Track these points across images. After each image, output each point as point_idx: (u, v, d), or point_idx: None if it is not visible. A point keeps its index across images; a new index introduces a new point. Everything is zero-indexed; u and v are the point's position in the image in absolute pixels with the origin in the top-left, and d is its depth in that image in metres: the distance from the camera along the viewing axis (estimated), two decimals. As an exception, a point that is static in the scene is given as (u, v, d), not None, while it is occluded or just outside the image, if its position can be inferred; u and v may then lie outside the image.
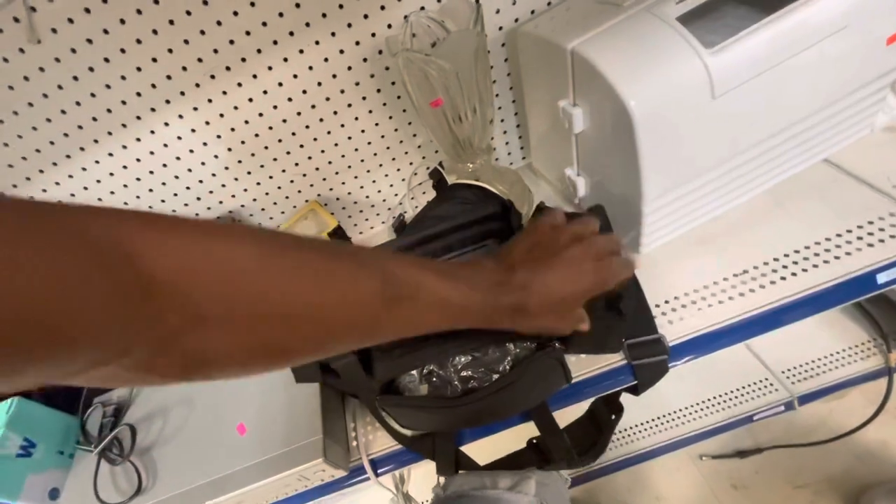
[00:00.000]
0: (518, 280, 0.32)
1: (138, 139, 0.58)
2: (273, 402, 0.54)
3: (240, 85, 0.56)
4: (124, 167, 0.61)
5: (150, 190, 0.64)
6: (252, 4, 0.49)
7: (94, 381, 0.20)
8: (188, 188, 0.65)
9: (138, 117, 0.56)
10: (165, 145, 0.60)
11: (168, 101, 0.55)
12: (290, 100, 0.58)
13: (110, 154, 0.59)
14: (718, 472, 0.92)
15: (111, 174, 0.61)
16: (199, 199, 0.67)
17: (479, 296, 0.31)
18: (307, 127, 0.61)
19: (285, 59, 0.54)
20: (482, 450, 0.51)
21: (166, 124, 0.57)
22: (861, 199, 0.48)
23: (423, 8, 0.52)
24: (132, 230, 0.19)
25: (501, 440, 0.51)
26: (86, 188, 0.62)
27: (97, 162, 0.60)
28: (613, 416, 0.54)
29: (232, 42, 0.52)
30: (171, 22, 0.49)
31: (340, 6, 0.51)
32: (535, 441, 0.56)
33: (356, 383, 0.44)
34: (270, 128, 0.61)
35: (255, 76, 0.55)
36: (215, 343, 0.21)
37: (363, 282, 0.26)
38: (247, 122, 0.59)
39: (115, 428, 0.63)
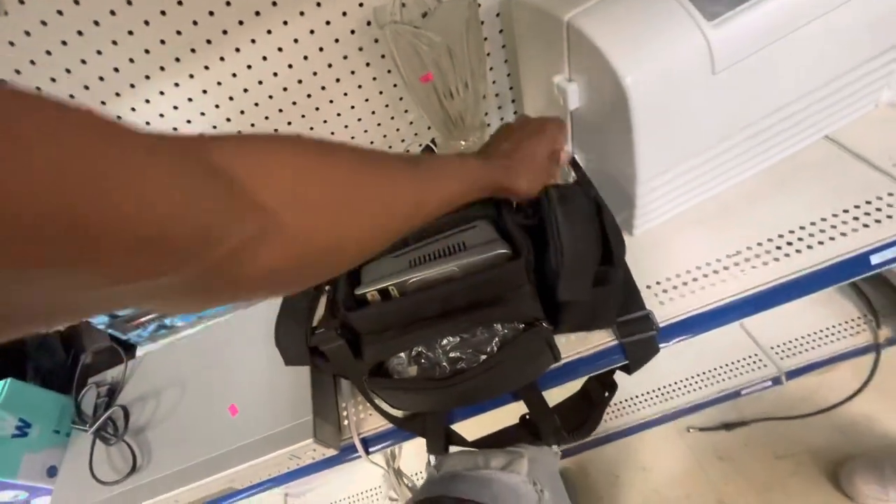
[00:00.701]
0: (502, 152, 0.42)
1: (119, 117, 0.56)
2: (264, 383, 0.54)
3: (222, 59, 0.53)
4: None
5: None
6: (230, -29, 0.47)
7: (178, 292, 0.21)
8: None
9: (117, 94, 0.54)
10: (147, 123, 0.57)
11: (147, 77, 0.53)
12: (275, 75, 0.56)
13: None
14: (705, 444, 0.94)
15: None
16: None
17: (481, 163, 0.40)
18: (294, 103, 0.59)
19: (269, 32, 0.52)
20: (474, 425, 0.52)
21: (147, 101, 0.55)
22: (861, 177, 0.48)
23: (412, -25, 0.50)
24: (228, 152, 0.22)
25: (494, 415, 0.52)
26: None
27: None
28: (607, 394, 0.55)
29: (211, 13, 0.49)
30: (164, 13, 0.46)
31: (324, -27, 0.48)
32: (527, 416, 0.57)
33: (345, 366, 0.44)
34: (256, 104, 0.58)
35: (237, 49, 0.53)
36: (297, 245, 0.24)
37: (404, 167, 0.32)
38: (231, 98, 0.57)
39: (109, 408, 0.63)
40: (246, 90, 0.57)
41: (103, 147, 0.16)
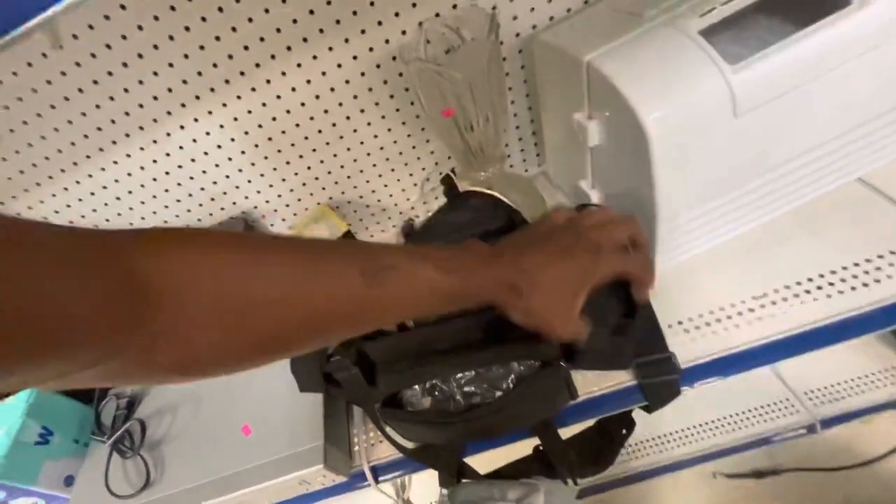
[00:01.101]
0: (508, 257, 0.32)
1: (154, 141, 0.59)
2: (278, 405, 0.55)
3: (254, 90, 0.56)
4: (142, 168, 0.62)
5: (166, 190, 0.65)
6: (266, 11, 0.49)
7: (93, 380, 0.21)
8: (202, 189, 0.66)
9: (154, 120, 0.57)
10: (181, 147, 0.60)
11: (184, 105, 0.56)
12: (303, 104, 0.58)
13: (128, 155, 0.60)
14: (733, 492, 0.89)
15: (129, 174, 0.63)
16: (212, 199, 0.68)
17: (468, 270, 0.31)
18: (319, 131, 0.61)
19: (298, 65, 0.54)
20: (486, 455, 0.51)
21: (182, 127, 0.58)
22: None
23: (437, 14, 0.51)
24: (133, 246, 0.22)
25: (507, 448, 0.50)
26: (105, 187, 0.64)
27: (115, 162, 0.61)
28: (624, 431, 0.53)
29: (246, 48, 0.52)
30: (187, 28, 0.50)
31: (354, 13, 0.51)
32: (541, 448, 0.55)
33: (358, 394, 0.44)
34: (283, 132, 0.61)
35: (268, 81, 0.55)
36: (205, 340, 0.24)
37: (345, 266, 0.28)
38: (260, 126, 0.60)
39: (127, 420, 0.65)
40: (274, 118, 0.59)
41: (8, 254, 0.16)
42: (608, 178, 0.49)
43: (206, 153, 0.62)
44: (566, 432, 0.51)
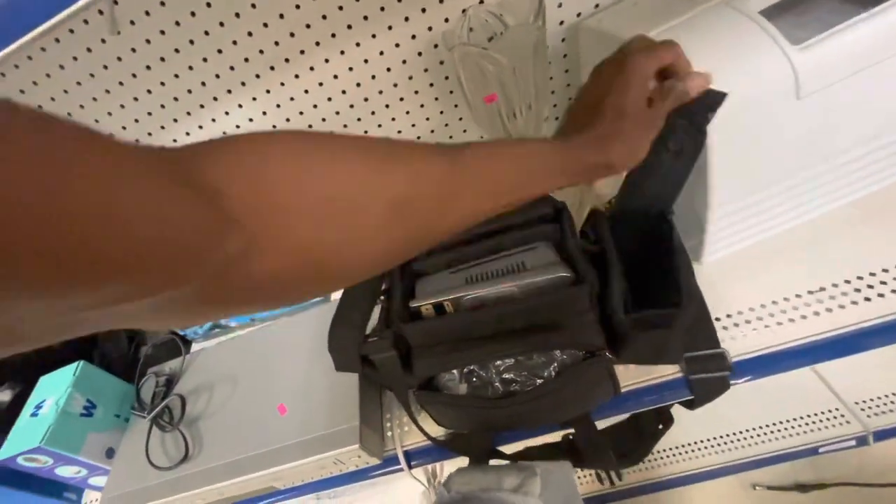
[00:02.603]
0: (586, 111, 0.32)
1: (200, 126, 0.61)
2: (313, 386, 0.55)
3: (297, 77, 0.57)
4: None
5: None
6: (314, -2, 0.50)
7: (165, 310, 0.19)
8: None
9: (202, 105, 0.59)
10: (224, 133, 0.62)
11: (230, 91, 0.58)
12: (343, 92, 0.59)
13: (174, 140, 0.63)
14: (773, 505, 0.85)
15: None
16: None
17: (557, 143, 0.30)
18: (359, 119, 0.62)
19: (342, 52, 0.55)
20: (517, 445, 0.50)
21: (226, 113, 0.60)
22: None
23: (482, 1, 0.51)
24: (212, 161, 0.20)
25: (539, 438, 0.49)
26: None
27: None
28: (661, 426, 0.51)
29: (292, 34, 0.53)
30: (237, 14, 0.51)
31: (399, 0, 0.51)
32: (570, 437, 0.54)
33: (393, 378, 0.44)
34: (324, 119, 0.62)
35: (311, 68, 0.56)
36: (296, 242, 0.21)
37: (424, 150, 0.26)
38: (301, 113, 0.61)
39: (166, 397, 0.67)
40: (315, 106, 0.60)
41: (80, 166, 0.14)
42: (655, 165, 0.48)
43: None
44: (600, 422, 0.50)
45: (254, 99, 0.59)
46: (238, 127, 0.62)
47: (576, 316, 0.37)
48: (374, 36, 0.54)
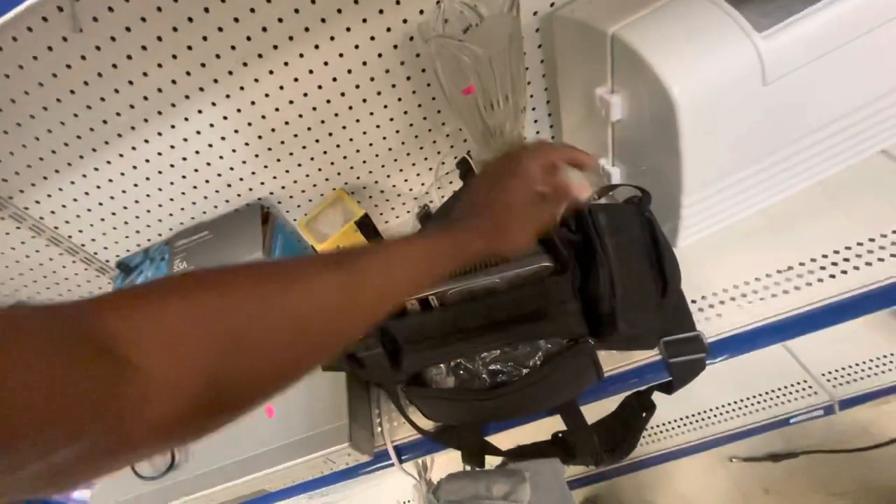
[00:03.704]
0: (475, 206, 0.35)
1: (173, 126, 0.59)
2: (300, 386, 0.54)
3: (271, 73, 0.56)
4: (159, 153, 0.62)
5: (184, 176, 0.66)
6: (285, -9, 0.49)
7: (77, 470, 0.19)
8: (219, 175, 0.66)
9: (173, 104, 0.57)
10: (198, 132, 0.61)
11: (202, 89, 0.56)
12: (320, 87, 0.58)
13: (146, 140, 0.61)
14: (749, 476, 0.89)
15: (147, 161, 0.63)
16: (229, 185, 0.68)
17: (441, 236, 0.33)
18: (336, 115, 0.61)
19: (316, 47, 0.54)
20: (506, 434, 0.51)
21: (199, 111, 0.58)
22: (922, 194, 0.45)
23: (455, -8, 0.51)
24: (106, 315, 0.20)
25: (525, 426, 0.50)
26: (122, 174, 0.64)
27: (133, 148, 0.61)
28: (644, 414, 0.53)
29: (265, 30, 0.52)
30: (206, 9, 0.50)
31: (372, -8, 0.51)
32: (560, 435, 0.55)
33: (381, 374, 0.44)
34: (300, 115, 0.61)
35: (286, 63, 0.55)
36: (193, 383, 0.21)
37: (317, 264, 0.27)
38: (277, 109, 0.60)
39: (150, 406, 0.65)
40: (291, 101, 0.59)
41: None
42: (630, 153, 0.49)
43: (222, 138, 0.62)
44: (587, 412, 0.51)
45: (227, 96, 0.58)
46: (212, 126, 0.60)
47: (559, 305, 0.38)
48: (348, 29, 0.53)
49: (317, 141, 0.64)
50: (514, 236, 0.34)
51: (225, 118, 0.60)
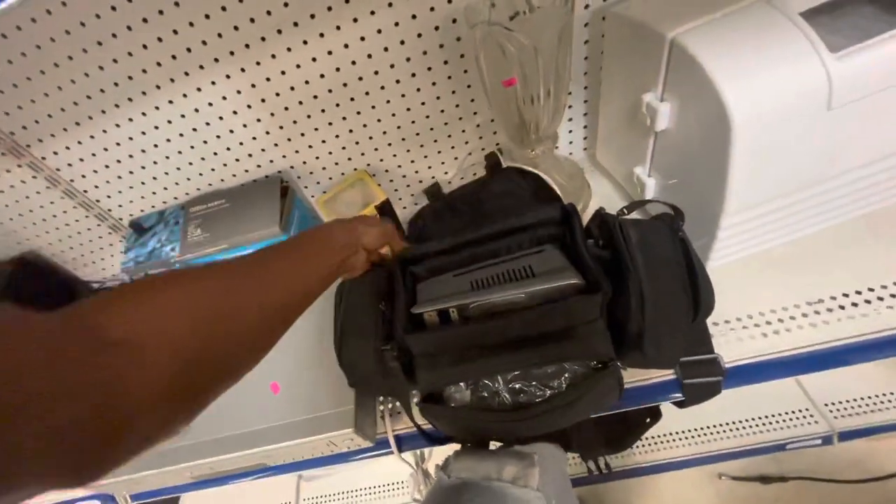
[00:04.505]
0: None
1: (199, 89, 0.58)
2: (306, 367, 0.55)
3: (305, 43, 0.54)
4: (182, 116, 0.61)
5: (205, 142, 0.64)
6: (329, -42, 0.47)
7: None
8: (241, 143, 0.65)
9: (201, 66, 0.55)
10: (224, 97, 0.59)
11: (232, 53, 0.54)
12: (353, 63, 0.56)
13: (170, 101, 0.59)
14: (736, 495, 0.89)
15: (169, 122, 0.62)
16: (250, 155, 0.67)
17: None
18: (367, 93, 0.59)
19: (354, 20, 0.52)
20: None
21: (227, 76, 0.57)
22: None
23: (507, -24, 0.49)
24: (92, 306, 0.24)
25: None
26: (143, 133, 0.63)
27: (157, 108, 0.60)
28: (649, 420, 0.52)
29: (286, 4, 0.50)
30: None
31: (420, -33, 0.48)
32: None
33: (397, 389, 0.43)
34: (330, 91, 0.59)
35: (321, 35, 0.53)
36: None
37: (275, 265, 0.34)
38: (307, 82, 0.58)
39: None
40: (322, 75, 0.57)
41: None
42: (671, 165, 0.47)
43: (248, 106, 0.60)
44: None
45: (257, 63, 0.55)
46: (239, 93, 0.58)
47: (587, 325, 0.36)
48: (390, 5, 0.51)
49: (343, 118, 0.62)
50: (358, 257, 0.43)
51: (253, 86, 0.58)
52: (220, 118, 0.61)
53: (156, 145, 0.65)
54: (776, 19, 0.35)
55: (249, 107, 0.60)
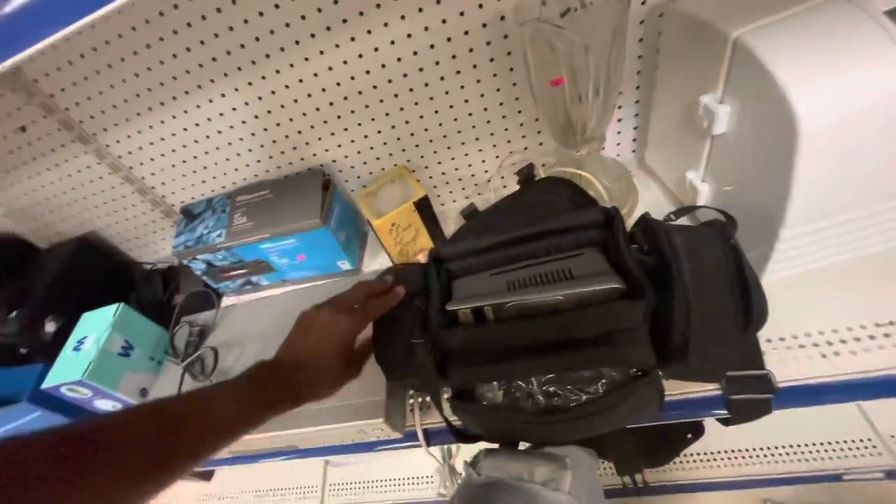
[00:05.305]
0: (282, 370, 0.41)
1: (249, 83, 0.60)
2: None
3: (353, 39, 0.55)
4: (233, 109, 0.63)
5: (253, 134, 0.67)
6: (381, -45, 0.47)
7: None
8: (287, 136, 0.67)
9: (253, 62, 0.58)
10: (273, 92, 0.61)
11: (282, 49, 0.56)
12: (399, 60, 0.57)
13: (222, 95, 0.62)
14: (778, 523, 0.84)
15: (220, 114, 0.64)
16: (294, 148, 0.69)
17: (248, 389, 0.39)
18: (411, 90, 0.60)
19: (402, 17, 0.52)
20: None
21: (277, 71, 0.58)
22: None
23: (559, -29, 0.47)
24: None
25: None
26: (197, 124, 0.66)
27: (210, 101, 0.63)
28: (690, 435, 0.50)
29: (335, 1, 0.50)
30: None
31: (468, -36, 0.48)
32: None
33: (428, 384, 0.43)
34: (375, 87, 0.60)
35: (368, 32, 0.54)
36: None
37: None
38: (353, 77, 0.59)
39: (199, 347, 0.69)
40: (368, 71, 0.58)
41: None
42: (727, 171, 0.44)
43: (295, 101, 0.62)
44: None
45: (306, 59, 0.57)
46: (287, 87, 0.60)
47: (628, 331, 0.35)
48: (438, 2, 0.51)
49: (387, 114, 0.63)
50: (320, 393, 0.42)
51: (300, 81, 0.59)
52: (269, 112, 0.64)
53: (208, 136, 0.68)
54: (857, 17, 0.33)
55: (296, 101, 0.62)
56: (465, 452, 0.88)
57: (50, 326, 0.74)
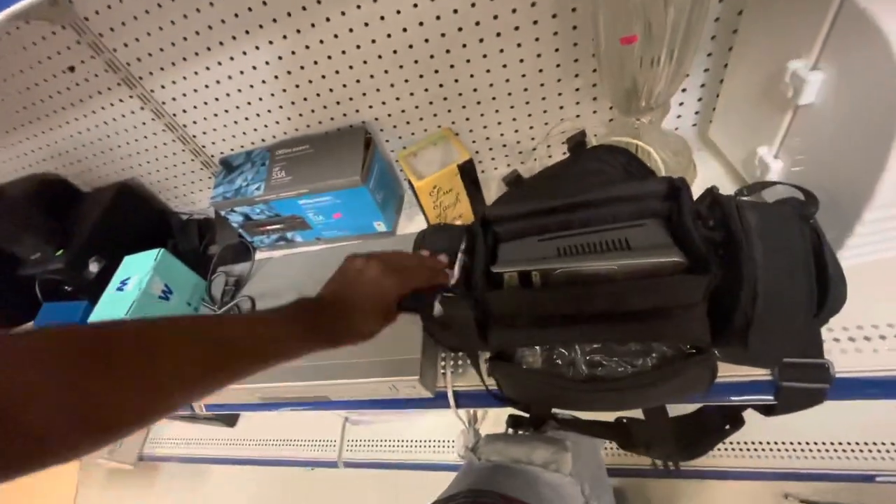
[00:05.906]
0: (323, 309, 0.41)
1: (298, 30, 0.58)
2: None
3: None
4: (279, 58, 0.62)
5: (297, 86, 0.66)
6: None
7: None
8: (331, 90, 0.65)
9: (304, 7, 0.56)
10: (321, 41, 0.59)
11: (305, 8, 0.54)
12: (455, 11, 0.54)
13: (270, 42, 0.60)
14: (800, 519, 0.83)
15: (266, 63, 0.63)
16: (338, 103, 0.67)
17: (293, 316, 0.39)
18: (464, 46, 0.57)
19: (464, -36, 0.50)
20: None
21: (327, 19, 0.57)
22: None
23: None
24: None
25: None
26: (241, 72, 0.65)
27: (257, 48, 0.61)
28: (728, 427, 0.49)
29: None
30: None
31: None
32: (624, 420, 0.53)
33: (467, 342, 0.42)
34: (426, 40, 0.57)
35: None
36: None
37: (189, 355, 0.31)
38: (405, 29, 0.56)
39: (235, 296, 0.70)
40: (421, 23, 0.55)
41: None
42: (805, 146, 0.41)
43: (343, 52, 0.60)
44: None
45: (358, 7, 0.55)
46: (336, 37, 0.58)
47: (687, 307, 0.34)
48: (503, -52, 0.48)
49: (436, 71, 0.61)
50: (356, 339, 0.41)
51: (350, 30, 0.57)
52: (315, 62, 0.62)
53: (251, 86, 0.67)
54: None
55: (344, 52, 0.60)
56: (491, 420, 0.88)
57: (93, 267, 0.76)
